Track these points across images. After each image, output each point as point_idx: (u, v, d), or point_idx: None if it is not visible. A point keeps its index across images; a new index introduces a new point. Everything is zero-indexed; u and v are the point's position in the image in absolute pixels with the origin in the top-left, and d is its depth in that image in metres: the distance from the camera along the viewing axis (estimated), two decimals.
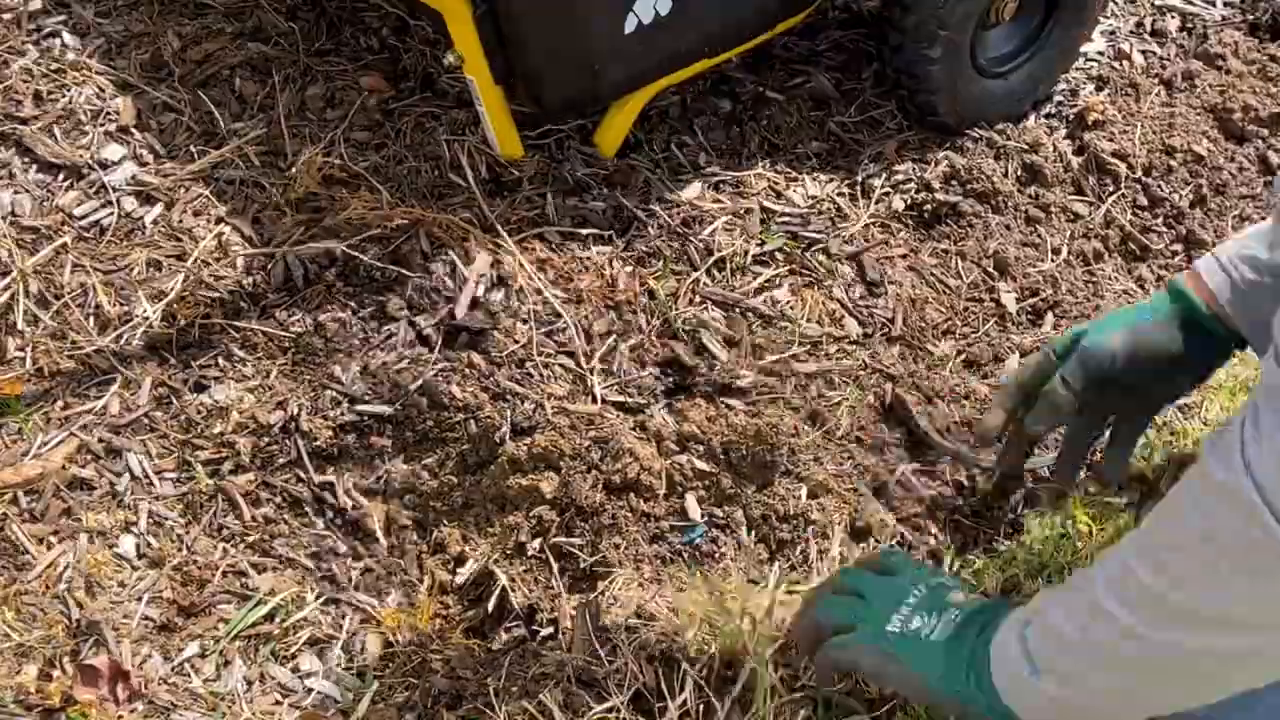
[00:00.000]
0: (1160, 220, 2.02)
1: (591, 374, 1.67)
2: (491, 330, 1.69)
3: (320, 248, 1.73)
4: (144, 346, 1.64)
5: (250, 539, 1.53)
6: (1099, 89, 2.20)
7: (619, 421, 1.61)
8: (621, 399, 1.66)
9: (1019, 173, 2.04)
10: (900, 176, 2.02)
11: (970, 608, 1.20)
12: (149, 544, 1.51)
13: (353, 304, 1.70)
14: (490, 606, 1.49)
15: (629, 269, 1.82)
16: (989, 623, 1.14)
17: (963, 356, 1.82)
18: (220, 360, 1.65)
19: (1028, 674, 1.05)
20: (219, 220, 1.77)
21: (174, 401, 1.61)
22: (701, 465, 1.59)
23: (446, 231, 1.77)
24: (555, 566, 1.51)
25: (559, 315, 1.72)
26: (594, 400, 1.64)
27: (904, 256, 1.92)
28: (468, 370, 1.65)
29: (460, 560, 1.55)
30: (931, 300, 1.87)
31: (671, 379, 1.71)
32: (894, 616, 1.22)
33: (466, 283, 1.72)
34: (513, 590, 1.49)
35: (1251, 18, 2.35)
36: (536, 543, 1.53)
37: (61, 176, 1.78)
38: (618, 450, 1.56)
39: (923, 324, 1.84)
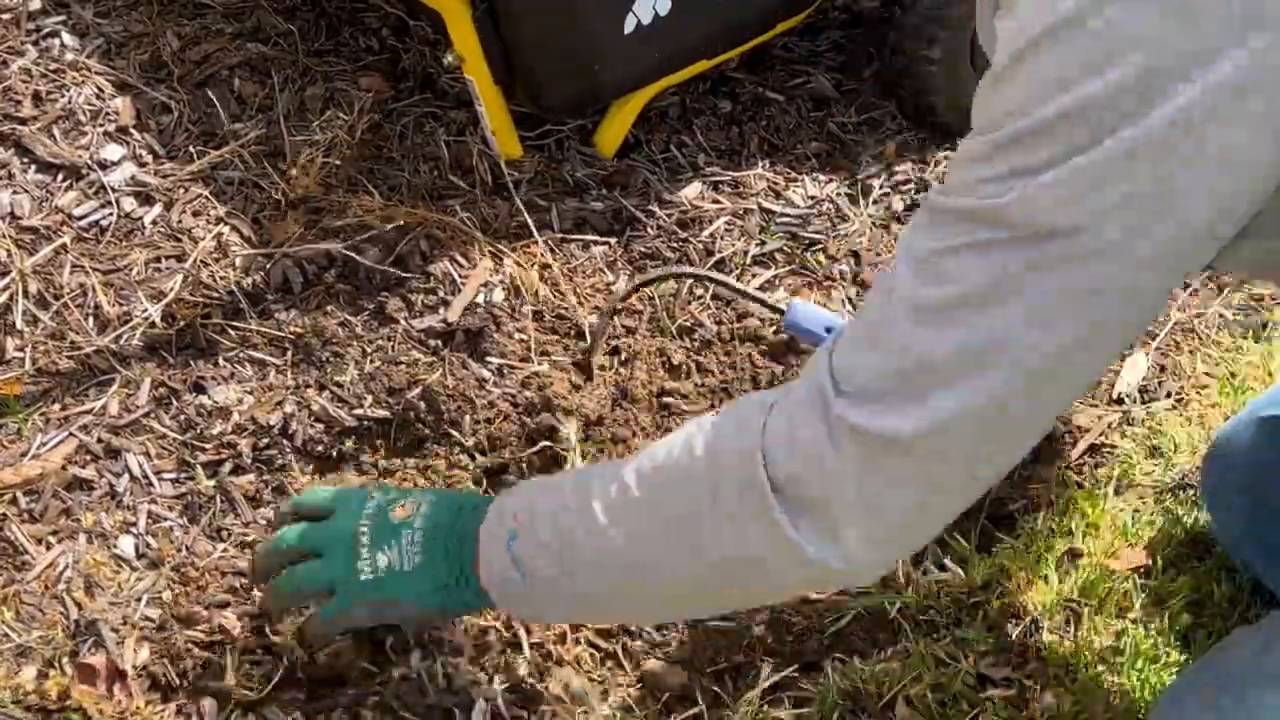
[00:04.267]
0: None
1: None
2: (491, 331, 1.69)
3: (320, 248, 1.73)
4: (143, 347, 1.64)
5: (250, 540, 1.53)
6: None
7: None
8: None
9: None
10: (900, 177, 2.02)
11: (422, 522, 1.23)
12: (148, 544, 1.50)
13: (352, 305, 1.70)
14: None
15: (628, 270, 1.82)
16: (461, 534, 1.20)
17: None
18: (220, 360, 1.65)
19: (520, 579, 1.13)
20: (218, 220, 1.77)
21: (174, 402, 1.61)
22: None
23: (446, 232, 1.77)
24: None
25: (559, 316, 1.72)
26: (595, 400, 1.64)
27: None
28: (465, 371, 1.65)
29: None
30: None
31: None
32: (360, 564, 1.23)
33: (466, 284, 1.72)
34: None
35: None
36: None
37: (61, 177, 1.77)
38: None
39: None
